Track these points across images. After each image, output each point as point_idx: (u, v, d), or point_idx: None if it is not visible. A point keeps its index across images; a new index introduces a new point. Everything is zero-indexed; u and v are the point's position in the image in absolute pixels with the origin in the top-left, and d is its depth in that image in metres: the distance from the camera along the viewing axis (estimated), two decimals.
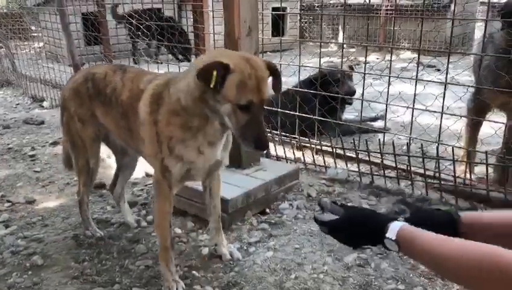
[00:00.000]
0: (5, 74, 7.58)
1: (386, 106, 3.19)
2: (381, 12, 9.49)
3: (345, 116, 4.53)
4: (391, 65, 3.26)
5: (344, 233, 1.46)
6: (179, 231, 2.61)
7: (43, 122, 5.05)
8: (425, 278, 2.14)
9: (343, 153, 3.40)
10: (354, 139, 3.44)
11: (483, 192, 2.75)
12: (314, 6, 11.37)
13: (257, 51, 2.98)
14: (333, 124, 3.71)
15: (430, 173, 3.04)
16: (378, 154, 3.21)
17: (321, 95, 3.65)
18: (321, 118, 3.69)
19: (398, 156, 3.11)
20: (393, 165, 3.13)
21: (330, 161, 3.50)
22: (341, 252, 2.36)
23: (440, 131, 2.97)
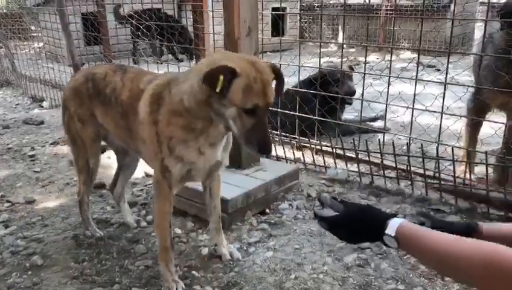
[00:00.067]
0: (5, 74, 7.58)
1: (386, 106, 3.19)
2: (381, 13, 9.49)
3: (344, 116, 4.53)
4: (391, 65, 3.26)
5: (343, 229, 1.45)
6: (178, 231, 2.61)
7: (42, 122, 5.05)
8: (425, 279, 2.14)
9: (343, 153, 3.40)
10: (353, 139, 3.44)
11: (483, 192, 2.75)
12: (314, 6, 11.37)
13: (257, 51, 2.98)
14: (333, 124, 3.71)
15: (430, 173, 3.04)
16: (378, 155, 3.21)
17: (321, 95, 3.65)
18: (321, 118, 3.69)
19: (398, 156, 3.11)
20: (393, 165, 3.13)
21: (330, 161, 3.50)
22: (341, 252, 2.36)
23: (440, 131, 2.97)
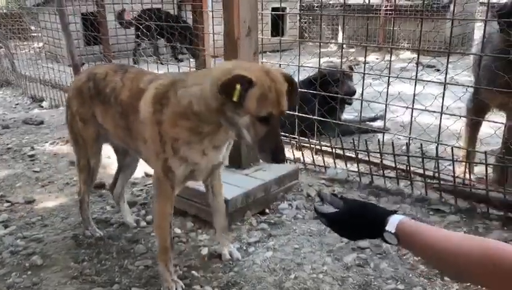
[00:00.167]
0: (5, 74, 7.59)
1: (386, 106, 3.19)
2: (380, 13, 9.49)
3: (344, 116, 4.53)
4: (391, 65, 3.25)
5: (343, 225, 1.46)
6: (178, 231, 2.61)
7: (42, 122, 5.05)
8: (425, 278, 2.14)
9: (342, 153, 3.40)
10: (353, 139, 3.43)
11: (483, 192, 2.75)
12: (314, 6, 11.38)
13: (256, 51, 2.98)
14: (333, 124, 3.71)
15: (430, 173, 3.04)
16: (378, 155, 3.21)
17: (320, 95, 3.65)
18: (321, 118, 3.69)
19: (397, 156, 3.12)
20: (393, 165, 3.13)
21: (330, 161, 3.50)
22: (340, 252, 2.36)
23: (439, 131, 2.97)
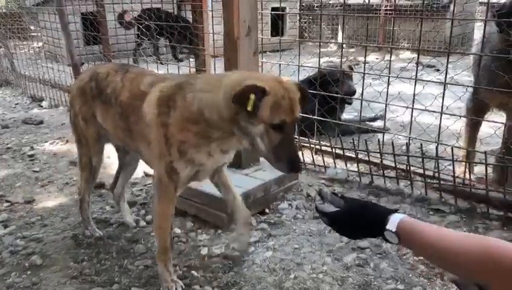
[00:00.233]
0: (4, 74, 7.58)
1: (386, 106, 3.19)
2: (380, 12, 9.49)
3: (344, 116, 4.53)
4: (390, 65, 3.25)
5: (344, 224, 1.46)
6: (178, 230, 2.61)
7: (42, 122, 5.05)
8: (425, 278, 2.14)
9: (342, 153, 3.40)
10: (353, 139, 3.43)
11: (483, 192, 2.75)
12: (314, 6, 11.38)
13: (256, 51, 2.98)
14: (333, 124, 3.70)
15: (430, 173, 3.04)
16: (378, 154, 3.21)
17: (320, 95, 3.64)
18: (320, 118, 3.68)
19: (397, 156, 3.11)
20: (393, 165, 3.13)
21: (329, 160, 3.50)
22: (340, 252, 2.36)
23: (439, 131, 2.97)
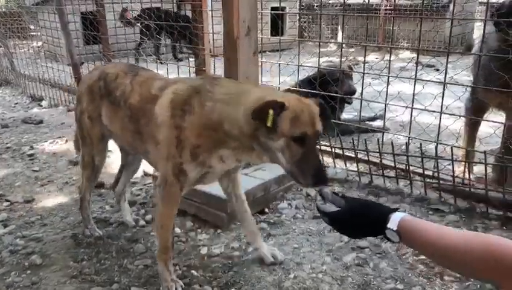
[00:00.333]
0: (4, 73, 7.58)
1: (385, 106, 3.19)
2: (380, 12, 9.49)
3: (343, 115, 4.53)
4: (390, 65, 3.26)
5: (345, 224, 1.47)
6: (178, 230, 2.61)
7: (41, 121, 5.05)
8: (424, 278, 2.14)
9: (342, 152, 3.40)
10: (352, 138, 3.43)
11: (482, 192, 2.75)
12: (313, 5, 11.38)
13: (256, 51, 2.98)
14: (332, 123, 3.70)
15: (429, 172, 3.04)
16: (377, 154, 3.21)
17: (320, 95, 3.64)
18: None
19: (397, 156, 3.11)
20: (392, 164, 3.13)
21: (329, 160, 3.50)
22: (340, 252, 2.36)
23: (439, 130, 2.97)
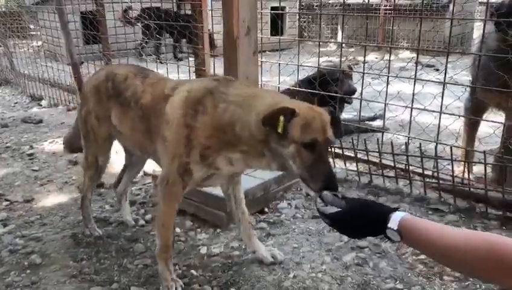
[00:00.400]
0: (4, 73, 7.57)
1: (385, 106, 3.19)
2: (380, 12, 9.50)
3: (343, 115, 4.52)
4: (390, 65, 3.26)
5: (346, 224, 1.47)
6: (177, 230, 2.60)
7: (41, 121, 5.04)
8: (424, 278, 2.14)
9: (341, 152, 3.40)
10: (352, 138, 3.43)
11: (482, 191, 2.75)
12: (313, 5, 11.38)
13: (256, 51, 2.98)
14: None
15: (429, 172, 3.04)
16: (377, 154, 3.21)
17: (320, 95, 3.64)
18: None
19: (396, 156, 3.12)
20: (392, 164, 3.14)
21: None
22: (339, 252, 2.36)
23: (439, 130, 2.97)
